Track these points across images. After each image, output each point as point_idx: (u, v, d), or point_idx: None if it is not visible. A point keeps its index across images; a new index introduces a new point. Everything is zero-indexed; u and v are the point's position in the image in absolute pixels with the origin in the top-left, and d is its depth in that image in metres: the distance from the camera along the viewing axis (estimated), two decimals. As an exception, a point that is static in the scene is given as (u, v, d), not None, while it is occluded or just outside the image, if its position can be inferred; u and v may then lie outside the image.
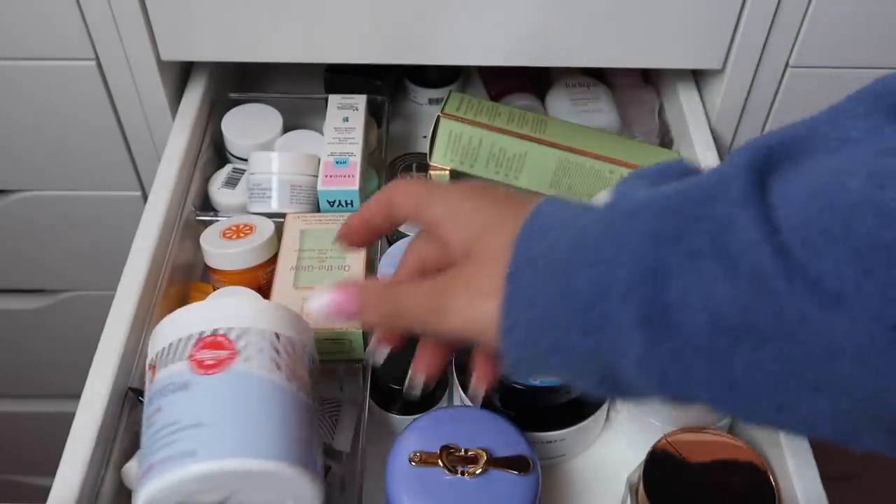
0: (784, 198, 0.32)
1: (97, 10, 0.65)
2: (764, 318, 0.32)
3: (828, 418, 0.33)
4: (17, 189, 0.81)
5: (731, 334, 0.33)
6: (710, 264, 0.33)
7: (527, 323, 0.38)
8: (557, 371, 0.39)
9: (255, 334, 0.45)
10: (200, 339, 0.44)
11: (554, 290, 0.37)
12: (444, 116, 0.69)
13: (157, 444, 0.42)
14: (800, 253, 0.30)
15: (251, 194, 0.67)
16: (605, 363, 0.37)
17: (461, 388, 0.57)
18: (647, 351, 0.35)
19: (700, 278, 0.33)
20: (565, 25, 0.66)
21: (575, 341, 0.37)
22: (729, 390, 0.34)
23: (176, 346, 0.44)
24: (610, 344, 0.36)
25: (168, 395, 0.43)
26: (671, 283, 0.34)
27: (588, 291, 0.36)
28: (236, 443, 0.41)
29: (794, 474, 0.50)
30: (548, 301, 0.37)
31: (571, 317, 0.37)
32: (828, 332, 0.30)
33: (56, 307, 0.93)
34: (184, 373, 0.43)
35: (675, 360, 0.34)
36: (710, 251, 0.33)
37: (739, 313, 0.32)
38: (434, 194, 0.43)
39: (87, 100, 0.72)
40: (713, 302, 0.33)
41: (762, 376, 0.33)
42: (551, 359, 0.39)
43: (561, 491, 0.58)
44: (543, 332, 0.38)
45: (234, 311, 0.45)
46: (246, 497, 0.43)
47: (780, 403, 0.34)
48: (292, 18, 0.65)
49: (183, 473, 0.40)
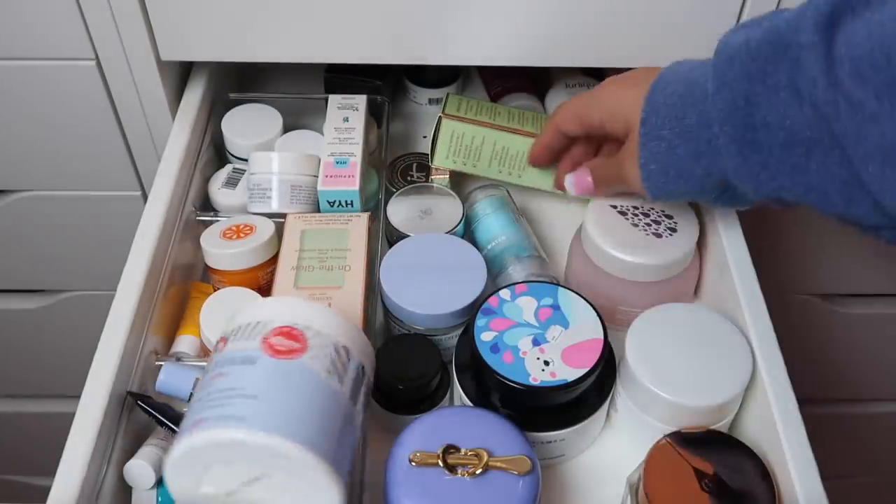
0: (850, 36, 0.41)
1: (97, 10, 0.65)
2: (823, 133, 0.44)
3: (876, 209, 0.45)
4: (17, 189, 0.81)
5: (803, 146, 0.45)
6: (786, 95, 0.45)
7: (655, 158, 0.54)
8: (686, 191, 0.54)
9: (325, 338, 0.47)
10: (277, 327, 0.46)
11: (673, 126, 0.52)
12: (445, 117, 0.69)
13: (211, 402, 0.43)
14: (848, 84, 0.41)
15: (251, 194, 0.67)
16: (718, 178, 0.51)
17: (461, 388, 0.57)
18: (742, 162, 0.49)
19: (778, 106, 0.45)
20: (565, 25, 0.66)
21: (692, 165, 0.52)
22: (808, 190, 0.47)
23: (254, 327, 0.47)
24: (715, 161, 0.50)
25: (234, 365, 0.45)
26: (758, 111, 0.46)
27: (697, 123, 0.50)
28: (283, 424, 0.42)
29: (794, 474, 0.50)
30: (668, 136, 0.52)
31: (685, 144, 0.51)
32: (865, 141, 0.41)
33: (56, 307, 0.93)
34: (255, 350, 0.45)
35: (763, 168, 0.48)
36: (785, 85, 0.45)
37: (806, 130, 0.45)
38: (590, 104, 0.60)
39: (87, 100, 0.72)
40: (788, 121, 0.45)
41: (830, 178, 0.46)
42: (679, 183, 0.54)
43: (561, 491, 0.58)
44: (669, 163, 0.53)
45: (312, 313, 0.48)
46: (266, 490, 0.44)
47: (848, 198, 0.46)
48: (292, 18, 0.65)
49: (227, 434, 0.42)
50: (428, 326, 0.60)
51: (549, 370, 0.54)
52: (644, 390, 0.55)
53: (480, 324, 0.56)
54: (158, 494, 0.53)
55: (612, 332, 0.58)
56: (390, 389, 0.57)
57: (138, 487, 0.53)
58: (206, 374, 0.46)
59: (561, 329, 0.56)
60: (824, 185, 0.46)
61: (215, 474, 0.44)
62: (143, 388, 0.57)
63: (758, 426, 0.56)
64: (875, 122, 0.40)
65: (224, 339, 0.48)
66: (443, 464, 0.49)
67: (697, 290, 0.67)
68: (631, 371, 0.56)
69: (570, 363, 0.54)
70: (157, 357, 0.59)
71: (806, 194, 0.48)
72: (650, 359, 0.56)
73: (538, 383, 0.53)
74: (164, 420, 0.53)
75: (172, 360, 0.59)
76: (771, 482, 0.50)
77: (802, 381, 0.58)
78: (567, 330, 0.56)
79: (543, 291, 0.59)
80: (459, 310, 0.59)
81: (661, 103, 0.53)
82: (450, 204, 0.70)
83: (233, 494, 0.45)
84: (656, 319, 0.58)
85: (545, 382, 0.54)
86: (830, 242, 0.87)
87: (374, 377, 0.56)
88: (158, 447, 0.53)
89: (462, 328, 0.60)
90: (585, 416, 0.56)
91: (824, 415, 1.06)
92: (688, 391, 0.54)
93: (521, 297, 0.58)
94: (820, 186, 0.47)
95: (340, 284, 0.60)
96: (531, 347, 0.55)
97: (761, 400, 0.55)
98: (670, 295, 0.62)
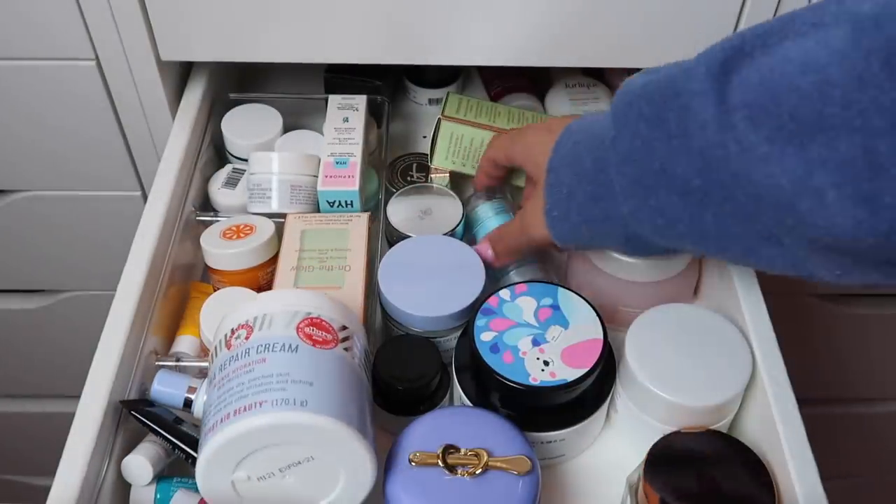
0: (743, 80, 0.41)
1: (97, 10, 0.65)
2: (716, 181, 0.43)
3: (781, 259, 0.45)
4: (17, 189, 0.81)
5: (697, 195, 0.45)
6: (678, 143, 0.44)
7: (557, 204, 0.53)
8: (592, 236, 0.53)
9: (351, 331, 0.51)
10: (307, 317, 0.49)
11: (573, 173, 0.52)
12: (444, 119, 0.69)
13: (263, 386, 0.45)
14: (742, 128, 0.40)
15: (251, 194, 0.67)
16: (619, 224, 0.50)
17: (461, 389, 0.57)
18: (639, 206, 0.48)
19: (671, 153, 0.45)
20: (565, 25, 0.66)
21: (591, 208, 0.51)
22: (704, 239, 0.47)
23: (282, 317, 0.49)
24: (613, 205, 0.49)
25: (276, 352, 0.47)
26: (654, 156, 0.46)
27: (592, 168, 0.50)
28: (337, 407, 0.46)
29: (794, 474, 0.50)
30: (568, 182, 0.52)
31: (583, 187, 0.51)
32: (759, 188, 0.41)
33: (56, 307, 0.93)
34: (293, 338, 0.48)
35: (660, 214, 0.47)
36: (677, 132, 0.44)
37: (699, 177, 0.44)
38: (513, 143, 0.61)
39: (87, 100, 0.72)
40: (681, 169, 0.44)
41: (726, 229, 0.45)
42: (582, 228, 0.53)
43: (561, 491, 0.58)
44: (570, 207, 0.52)
45: (334, 305, 0.52)
46: (301, 474, 0.47)
47: (746, 248, 0.45)
48: (292, 18, 0.65)
49: (295, 416, 0.44)
50: (426, 329, 0.60)
51: (549, 370, 0.54)
52: (644, 390, 0.55)
53: (480, 324, 0.56)
54: (157, 491, 0.53)
55: (612, 332, 0.58)
56: (390, 390, 0.57)
57: (135, 484, 0.53)
58: (241, 359, 0.47)
59: (561, 329, 0.56)
60: (722, 236, 0.46)
61: (254, 459, 0.45)
62: (143, 388, 0.57)
63: (758, 426, 0.56)
64: (766, 163, 0.40)
65: (249, 328, 0.49)
66: (443, 464, 0.49)
67: (697, 290, 0.67)
68: (631, 371, 0.56)
69: (570, 363, 0.54)
70: (157, 357, 0.59)
71: (705, 244, 0.47)
72: (650, 359, 0.56)
73: (538, 383, 0.53)
74: (157, 429, 0.53)
75: (172, 360, 0.59)
76: (771, 482, 0.50)
77: (802, 381, 0.58)
78: (567, 330, 0.56)
79: (543, 291, 0.59)
80: (458, 312, 0.59)
81: (566, 151, 0.53)
82: (450, 204, 0.70)
83: (265, 479, 0.46)
84: (656, 319, 0.58)
85: (545, 382, 0.54)
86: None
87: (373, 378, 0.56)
88: (156, 444, 0.54)
89: (461, 330, 0.60)
90: (585, 416, 0.56)
91: (824, 415, 1.06)
92: (688, 391, 0.54)
93: (520, 298, 0.58)
94: (718, 237, 0.46)
95: (340, 284, 0.60)
96: (531, 347, 0.55)
97: (761, 400, 0.55)
98: (670, 295, 0.62)
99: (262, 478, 0.46)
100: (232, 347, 0.49)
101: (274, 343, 0.48)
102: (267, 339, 0.48)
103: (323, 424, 0.44)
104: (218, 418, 0.45)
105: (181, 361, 0.59)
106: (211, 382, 0.49)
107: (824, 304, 0.95)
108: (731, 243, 0.46)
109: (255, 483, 0.47)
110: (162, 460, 0.53)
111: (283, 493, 0.47)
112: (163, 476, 0.54)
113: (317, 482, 0.47)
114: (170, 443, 0.53)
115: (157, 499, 0.53)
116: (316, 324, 0.49)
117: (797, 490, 0.50)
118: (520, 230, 0.59)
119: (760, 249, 0.45)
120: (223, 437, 0.44)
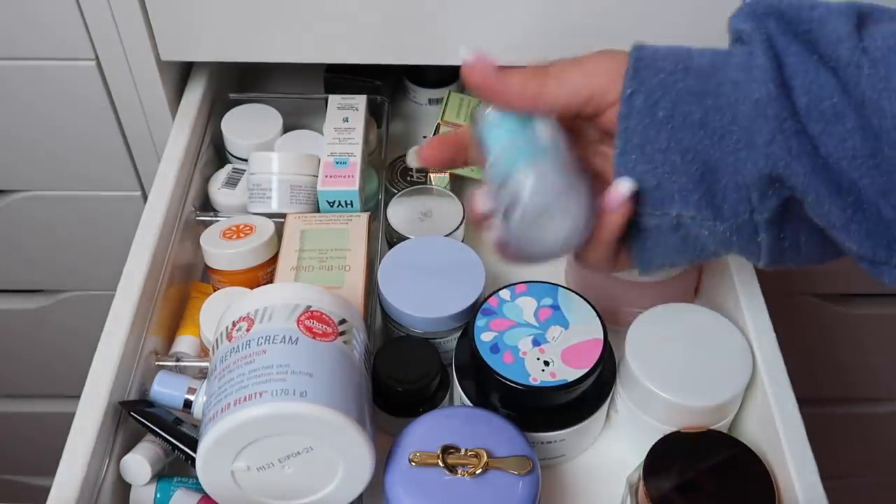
0: (871, 35, 0.40)
1: (97, 10, 0.65)
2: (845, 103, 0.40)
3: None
4: (17, 189, 0.81)
5: (824, 117, 0.40)
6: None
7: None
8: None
9: (350, 324, 0.51)
10: (308, 310, 0.50)
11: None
12: (444, 124, 0.69)
13: (263, 377, 0.46)
14: (873, 53, 0.39)
15: (251, 194, 0.67)
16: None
17: (461, 389, 0.57)
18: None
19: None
20: (565, 25, 0.66)
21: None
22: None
23: (282, 309, 0.49)
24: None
25: (276, 343, 0.47)
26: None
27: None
28: (336, 398, 0.46)
29: (794, 474, 0.50)
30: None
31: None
32: (884, 114, 0.38)
33: (56, 307, 0.93)
34: (293, 331, 0.48)
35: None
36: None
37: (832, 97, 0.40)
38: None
39: (87, 100, 0.72)
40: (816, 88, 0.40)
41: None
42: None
43: (561, 491, 0.58)
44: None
45: (334, 299, 0.52)
46: (301, 465, 0.47)
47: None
48: (292, 18, 0.65)
49: (294, 406, 0.44)
50: (426, 330, 0.60)
51: (549, 370, 0.54)
52: (644, 390, 0.55)
53: (480, 324, 0.56)
54: (157, 490, 0.53)
55: (613, 332, 0.58)
56: (390, 392, 0.57)
57: (134, 483, 0.53)
58: (242, 350, 0.48)
59: (561, 329, 0.56)
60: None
61: (254, 449, 0.46)
62: (143, 389, 0.57)
63: (758, 426, 0.56)
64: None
65: (250, 320, 0.49)
66: (443, 464, 0.49)
67: (697, 290, 0.67)
68: (631, 371, 0.56)
69: (570, 363, 0.54)
70: (157, 357, 0.59)
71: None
72: (650, 359, 0.56)
73: (538, 383, 0.53)
74: (157, 430, 0.53)
75: (172, 360, 0.59)
76: (771, 482, 0.50)
77: (802, 381, 0.58)
78: (567, 330, 0.56)
79: (543, 291, 0.59)
80: (458, 313, 0.59)
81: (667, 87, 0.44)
82: (450, 206, 0.70)
83: (265, 470, 0.47)
84: (656, 319, 0.58)
85: (545, 383, 0.54)
86: (830, 242, 0.87)
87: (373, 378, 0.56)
88: (155, 444, 0.54)
89: (461, 331, 0.60)
90: (585, 416, 0.56)
91: (824, 415, 1.06)
92: (688, 391, 0.54)
93: (520, 298, 0.58)
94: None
95: (340, 284, 0.60)
96: (531, 348, 0.55)
97: (761, 400, 0.55)
98: (671, 295, 0.62)
99: (261, 468, 0.47)
100: (233, 339, 0.49)
101: (274, 335, 0.48)
102: (267, 331, 0.48)
103: (322, 415, 0.45)
104: (219, 408, 0.45)
105: (181, 361, 0.59)
106: (212, 374, 0.49)
107: (824, 304, 0.95)
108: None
109: (255, 473, 0.47)
110: (161, 460, 0.53)
111: (283, 483, 0.48)
112: (163, 475, 0.54)
113: (316, 473, 0.47)
114: (169, 444, 0.53)
115: (157, 498, 0.53)
116: (316, 317, 0.50)
117: (797, 490, 0.50)
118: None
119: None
120: (224, 426, 0.45)
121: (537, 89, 0.46)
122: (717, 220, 0.44)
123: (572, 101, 0.46)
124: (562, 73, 0.46)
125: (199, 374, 0.59)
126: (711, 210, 0.44)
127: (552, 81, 0.46)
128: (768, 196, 0.43)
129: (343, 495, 0.49)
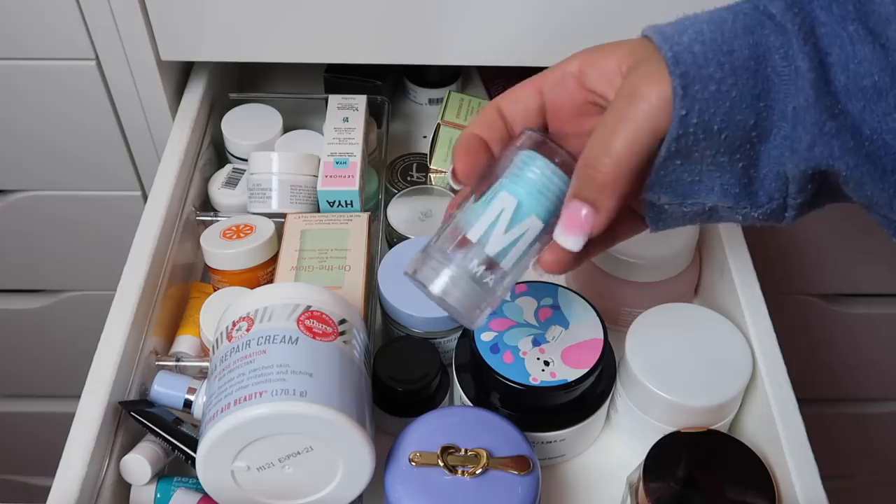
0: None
1: (97, 10, 0.65)
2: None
3: None
4: (17, 189, 0.81)
5: (865, 94, 0.40)
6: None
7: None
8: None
9: (350, 324, 0.51)
10: (308, 310, 0.50)
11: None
12: (444, 124, 0.69)
13: (263, 377, 0.46)
14: None
15: (251, 194, 0.67)
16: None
17: (461, 389, 0.57)
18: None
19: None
20: (565, 25, 0.66)
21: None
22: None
23: (282, 309, 0.49)
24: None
25: (276, 343, 0.47)
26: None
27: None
28: (337, 400, 0.46)
29: (794, 474, 0.50)
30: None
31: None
32: None
33: (56, 307, 0.93)
34: (293, 330, 0.48)
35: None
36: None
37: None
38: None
39: (87, 100, 0.72)
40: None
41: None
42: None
43: (561, 491, 0.58)
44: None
45: (334, 299, 0.52)
46: (301, 465, 0.47)
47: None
48: (292, 18, 0.65)
49: (294, 406, 0.44)
50: (426, 330, 0.60)
51: (549, 370, 0.54)
52: (644, 390, 0.55)
53: (480, 324, 0.56)
54: (157, 490, 0.53)
55: (613, 332, 0.58)
56: (389, 392, 0.57)
57: (134, 483, 0.53)
58: (242, 350, 0.48)
59: (561, 329, 0.56)
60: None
61: (254, 449, 0.46)
62: (143, 388, 0.57)
63: (758, 426, 0.56)
64: None
65: (250, 320, 0.49)
66: (443, 464, 0.49)
67: (697, 290, 0.67)
68: (631, 371, 0.56)
69: (570, 363, 0.54)
70: (157, 357, 0.59)
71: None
72: (650, 359, 0.56)
73: (538, 383, 0.53)
74: (157, 430, 0.53)
75: (172, 360, 0.59)
76: (771, 482, 0.50)
77: (802, 381, 0.58)
78: (567, 330, 0.56)
79: (543, 291, 0.59)
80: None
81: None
82: (450, 204, 0.70)
83: (265, 470, 0.47)
84: (656, 319, 0.58)
85: (545, 382, 0.54)
86: (830, 242, 0.87)
87: (373, 378, 0.56)
88: (155, 443, 0.54)
89: (461, 331, 0.60)
90: (585, 416, 0.56)
91: (824, 415, 1.06)
92: (688, 391, 0.54)
93: (520, 298, 0.58)
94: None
95: (340, 284, 0.60)
96: (531, 347, 0.55)
97: (761, 400, 0.55)
98: (670, 295, 0.62)
99: (261, 468, 0.47)
100: (233, 339, 0.49)
101: (274, 335, 0.48)
102: (267, 331, 0.48)
103: (322, 414, 0.45)
104: (219, 408, 0.45)
105: (181, 361, 0.59)
106: (212, 374, 0.49)
107: (824, 304, 0.95)
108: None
109: (255, 473, 0.47)
110: (161, 460, 0.53)
111: (283, 483, 0.48)
112: (163, 475, 0.54)
113: (316, 473, 0.48)
114: (169, 444, 0.53)
115: (158, 498, 0.53)
116: (316, 317, 0.50)
117: (797, 490, 0.50)
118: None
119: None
120: (224, 426, 0.45)
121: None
122: (753, 208, 0.45)
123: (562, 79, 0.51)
124: (547, 73, 0.51)
125: (199, 374, 0.59)
126: (748, 199, 0.44)
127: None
128: (806, 189, 0.43)
129: (343, 495, 0.49)
